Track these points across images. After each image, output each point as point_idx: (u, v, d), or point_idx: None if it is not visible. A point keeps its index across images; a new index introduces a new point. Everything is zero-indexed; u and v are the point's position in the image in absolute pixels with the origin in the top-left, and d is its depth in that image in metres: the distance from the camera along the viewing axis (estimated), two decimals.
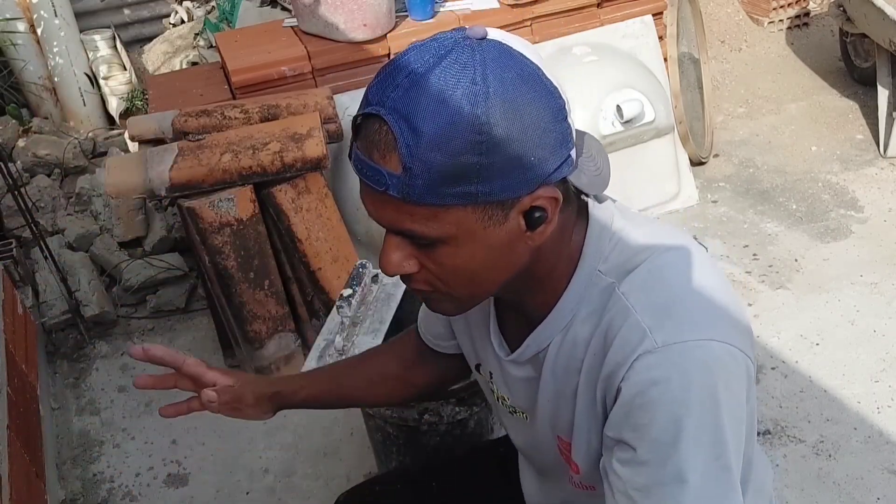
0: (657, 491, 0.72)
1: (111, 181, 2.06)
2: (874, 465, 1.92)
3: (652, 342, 0.73)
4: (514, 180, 0.69)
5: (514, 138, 0.67)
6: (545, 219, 0.73)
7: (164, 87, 2.68)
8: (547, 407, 0.89)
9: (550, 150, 0.70)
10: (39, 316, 2.63)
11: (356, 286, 1.75)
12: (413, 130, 0.66)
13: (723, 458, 0.72)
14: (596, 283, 0.80)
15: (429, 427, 1.62)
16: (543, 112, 0.69)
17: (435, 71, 0.67)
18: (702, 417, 0.72)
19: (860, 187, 3.06)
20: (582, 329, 0.81)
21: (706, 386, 0.72)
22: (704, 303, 0.77)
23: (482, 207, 0.70)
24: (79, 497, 2.09)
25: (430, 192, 0.68)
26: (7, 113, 3.84)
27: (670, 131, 2.89)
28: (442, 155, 0.66)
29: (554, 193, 0.72)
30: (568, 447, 0.88)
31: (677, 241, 0.82)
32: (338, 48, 2.50)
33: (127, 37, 4.47)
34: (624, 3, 2.91)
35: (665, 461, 0.72)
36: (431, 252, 0.74)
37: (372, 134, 0.69)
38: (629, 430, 0.74)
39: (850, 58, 3.76)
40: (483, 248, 0.73)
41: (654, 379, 0.73)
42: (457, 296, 0.79)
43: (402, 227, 0.72)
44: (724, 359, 0.74)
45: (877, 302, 2.45)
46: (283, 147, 2.08)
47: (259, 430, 2.24)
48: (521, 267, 0.78)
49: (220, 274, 2.15)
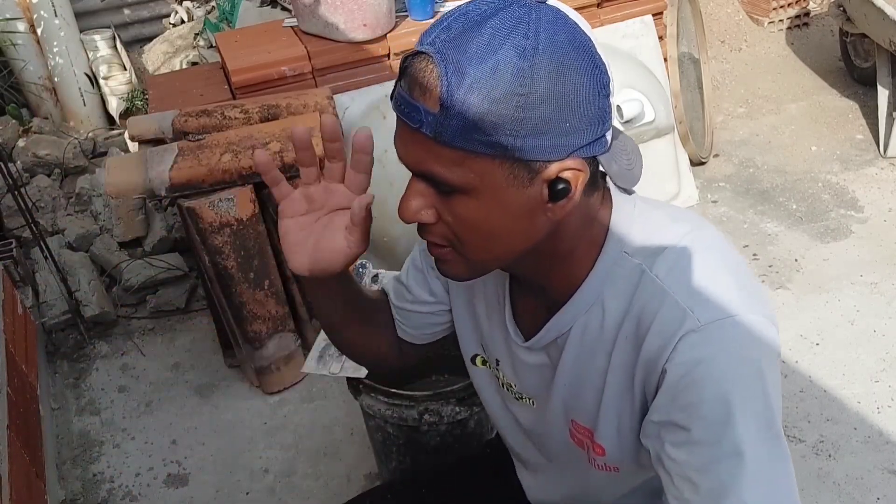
0: (715, 468, 0.72)
1: (111, 181, 2.06)
2: (874, 465, 1.92)
3: (694, 321, 0.74)
4: (545, 142, 0.69)
5: (554, 100, 0.68)
6: (568, 192, 0.73)
7: (164, 87, 2.68)
8: (563, 392, 0.89)
9: (587, 123, 0.71)
10: (39, 316, 2.63)
11: None
12: (457, 71, 0.67)
13: (773, 426, 0.74)
14: (622, 264, 0.80)
15: (429, 427, 1.62)
16: (587, 83, 0.70)
17: (490, 21, 0.68)
18: (750, 390, 0.73)
19: (860, 187, 3.06)
20: (610, 312, 0.80)
21: (750, 359, 0.74)
22: (736, 279, 0.78)
23: (509, 164, 0.70)
24: (79, 497, 2.09)
25: (461, 136, 0.68)
26: (7, 113, 3.84)
27: (670, 131, 2.89)
28: (481, 99, 0.66)
29: (581, 167, 0.72)
30: (585, 432, 0.88)
31: (698, 223, 0.83)
32: (338, 48, 2.50)
33: (127, 37, 4.47)
34: (624, 3, 2.91)
35: (720, 438, 0.72)
36: (451, 201, 0.73)
37: (417, 72, 0.69)
38: (678, 412, 0.74)
39: (850, 58, 3.76)
40: (502, 208, 0.72)
41: (700, 358, 0.73)
42: (470, 256, 0.78)
43: (427, 169, 0.72)
44: (762, 331, 0.75)
45: (877, 302, 2.45)
46: (283, 147, 2.08)
47: (259, 430, 2.24)
48: (538, 240, 0.77)
49: (220, 274, 2.15)
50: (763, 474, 0.72)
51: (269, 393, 2.34)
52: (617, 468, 0.88)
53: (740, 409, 0.72)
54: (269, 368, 2.29)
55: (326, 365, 1.64)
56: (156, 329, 2.69)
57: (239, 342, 2.29)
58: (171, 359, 2.55)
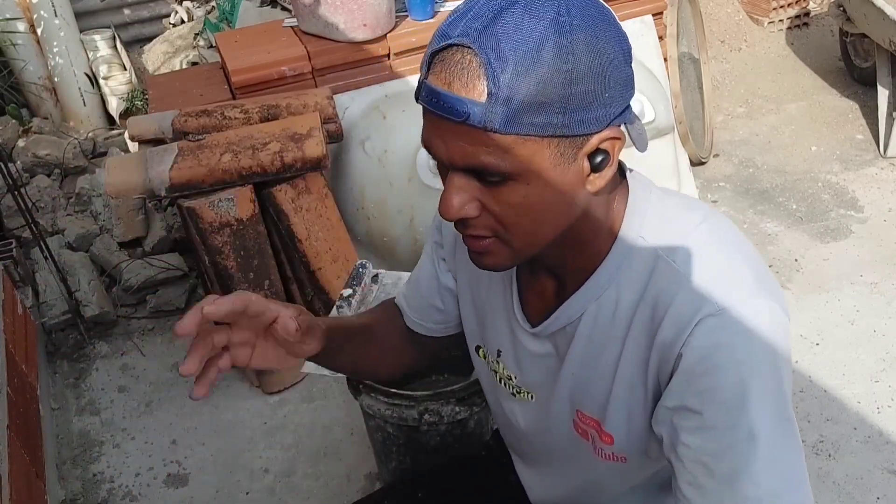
0: (730, 452, 0.73)
1: (111, 181, 2.06)
2: (874, 465, 1.92)
3: (712, 305, 0.74)
4: (591, 114, 0.70)
5: (596, 72, 0.69)
6: (608, 162, 0.74)
7: (164, 87, 2.68)
8: (570, 382, 0.88)
9: (621, 91, 0.72)
10: (39, 316, 2.63)
11: (356, 286, 1.75)
12: (499, 57, 0.66)
13: (785, 410, 0.74)
14: (638, 250, 0.80)
15: (429, 427, 1.62)
16: (618, 52, 0.71)
17: (518, 3, 0.68)
18: (766, 376, 0.73)
19: (860, 187, 3.06)
20: (624, 298, 0.80)
21: (767, 345, 0.74)
22: (751, 266, 0.78)
23: (556, 142, 0.70)
24: (79, 497, 2.09)
25: (512, 121, 0.67)
26: (7, 113, 3.84)
27: (670, 131, 2.89)
28: (529, 82, 0.66)
29: (619, 134, 0.74)
30: (591, 422, 0.88)
31: (711, 211, 0.83)
32: (338, 48, 2.50)
33: (127, 37, 4.47)
34: (624, 3, 2.91)
35: (735, 423, 0.72)
36: (498, 190, 0.73)
37: (452, 65, 0.68)
38: (693, 396, 0.74)
39: (850, 58, 3.76)
40: (549, 187, 0.73)
41: (718, 342, 0.73)
42: (515, 243, 0.77)
43: (476, 162, 0.70)
44: (777, 317, 0.76)
45: (877, 302, 2.45)
46: (283, 147, 2.08)
47: (259, 430, 2.24)
48: (575, 217, 0.77)
49: (220, 274, 2.15)
50: (777, 457, 0.73)
51: (269, 393, 2.34)
52: (624, 458, 0.87)
53: (756, 393, 0.72)
54: (268, 369, 2.29)
55: None
56: (156, 329, 2.69)
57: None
58: (171, 359, 2.55)
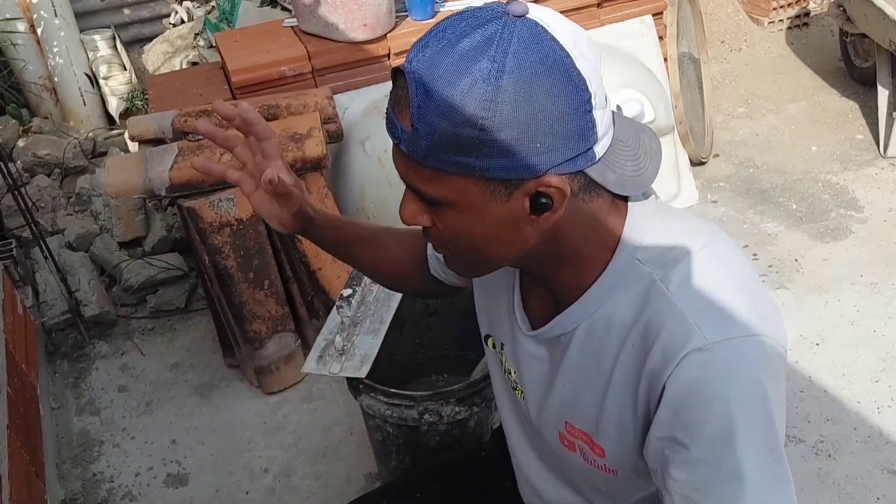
0: (716, 489, 0.72)
1: (111, 181, 2.06)
2: (874, 465, 1.92)
3: (701, 339, 0.73)
4: (515, 163, 0.69)
5: (520, 123, 0.68)
6: (550, 207, 0.73)
7: (164, 87, 2.68)
8: (562, 392, 0.88)
9: (563, 141, 0.70)
10: (39, 316, 2.63)
11: (356, 286, 1.75)
12: (426, 94, 0.68)
13: (776, 450, 0.73)
14: (634, 271, 0.79)
15: (429, 427, 1.62)
16: (560, 101, 0.69)
17: (464, 40, 0.69)
18: (754, 413, 0.72)
19: (860, 187, 3.06)
20: (618, 318, 0.80)
21: (756, 381, 0.73)
22: (748, 298, 0.77)
23: (484, 182, 0.71)
24: (79, 497, 2.09)
25: (431, 155, 0.70)
26: (7, 113, 3.84)
27: (670, 131, 2.89)
28: (445, 122, 0.68)
29: (562, 185, 0.72)
30: (581, 435, 0.88)
31: (716, 236, 0.82)
32: (338, 48, 2.50)
33: (127, 37, 4.47)
34: (624, 3, 2.91)
35: (721, 459, 0.72)
36: (438, 213, 0.76)
37: (397, 89, 0.73)
38: (681, 429, 0.74)
39: (850, 58, 3.76)
40: (485, 220, 0.74)
41: (706, 377, 0.73)
42: (465, 258, 0.82)
43: (409, 182, 0.75)
44: (769, 353, 0.75)
45: (877, 302, 2.45)
46: (283, 147, 2.08)
47: (259, 430, 2.24)
48: (531, 247, 0.78)
49: (220, 274, 2.15)
50: (763, 494, 0.72)
51: (268, 393, 2.34)
52: (615, 471, 0.87)
53: (742, 431, 0.72)
54: (268, 368, 2.29)
55: (326, 365, 1.64)
56: (156, 329, 2.69)
57: (239, 342, 2.29)
58: (170, 359, 2.55)
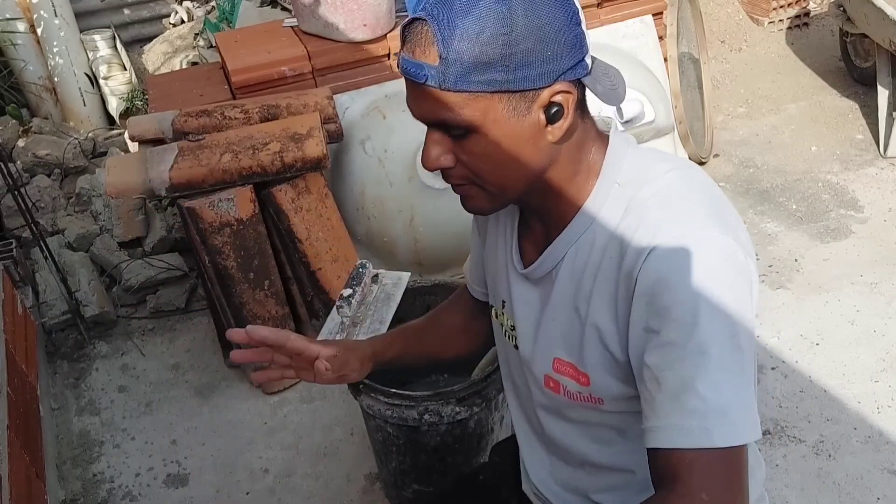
0: (680, 364, 0.78)
1: (111, 181, 2.06)
2: (874, 465, 1.92)
3: (666, 235, 0.80)
4: (534, 71, 0.78)
5: (534, 33, 0.77)
6: (562, 114, 0.82)
7: (164, 87, 2.68)
8: (551, 327, 0.93)
9: (566, 49, 0.80)
10: (39, 316, 2.63)
11: (356, 286, 1.75)
12: (448, 25, 0.77)
13: (735, 337, 0.79)
14: (614, 195, 0.87)
15: (429, 427, 1.62)
16: (559, 13, 0.79)
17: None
18: (716, 298, 0.78)
19: (860, 187, 3.06)
20: (598, 238, 0.87)
21: (718, 270, 0.79)
22: (712, 207, 0.84)
23: (507, 97, 0.79)
24: (79, 497, 2.09)
25: (462, 80, 0.77)
26: (7, 113, 3.84)
27: (670, 131, 2.89)
28: (472, 45, 0.76)
29: (570, 89, 0.81)
30: (568, 367, 0.92)
31: (687, 164, 0.90)
32: (338, 48, 2.50)
33: (127, 37, 4.47)
34: (624, 3, 2.91)
35: (688, 337, 0.78)
36: (464, 142, 0.83)
37: (414, 35, 0.80)
38: (653, 317, 0.80)
39: (850, 58, 3.76)
40: (508, 137, 0.81)
41: (672, 265, 0.79)
42: (489, 189, 0.87)
43: (438, 117, 0.81)
44: (733, 250, 0.81)
45: (877, 302, 2.45)
46: (283, 147, 2.08)
47: (259, 430, 2.24)
48: (543, 165, 0.85)
49: (220, 274, 2.15)
50: (726, 377, 0.77)
51: (269, 393, 2.34)
52: (601, 399, 0.91)
53: (706, 313, 0.78)
54: (269, 368, 2.29)
55: None
56: (156, 329, 2.69)
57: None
58: (171, 359, 2.55)
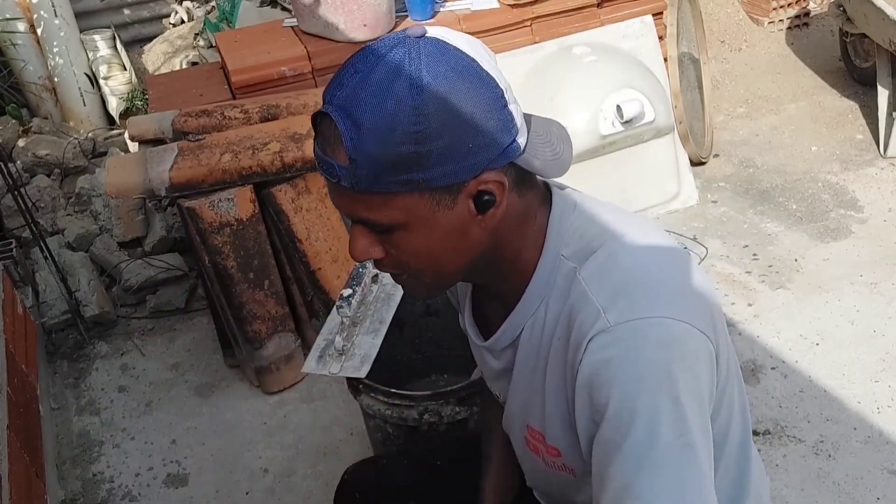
0: (621, 465, 0.72)
1: (111, 181, 2.06)
2: (874, 465, 1.92)
3: (605, 322, 0.75)
4: (454, 167, 0.73)
5: (450, 127, 0.71)
6: (494, 202, 0.77)
7: (164, 87, 2.68)
8: (519, 396, 0.91)
9: (490, 137, 0.74)
10: (39, 316, 2.63)
11: (356, 286, 1.75)
12: (355, 125, 0.71)
13: (684, 435, 0.72)
14: (560, 267, 0.82)
15: (429, 427, 1.62)
16: (479, 101, 0.73)
17: (376, 69, 0.72)
18: (657, 395, 0.72)
19: (860, 187, 3.06)
20: (549, 314, 0.83)
21: (659, 363, 0.73)
22: (661, 283, 0.78)
23: (429, 193, 0.74)
24: (79, 497, 2.09)
25: (375, 181, 0.72)
26: (7, 113, 3.84)
27: (670, 131, 2.89)
28: (382, 146, 0.71)
29: (500, 178, 0.76)
30: (538, 436, 0.89)
31: (640, 227, 0.84)
32: (338, 48, 2.50)
33: (127, 37, 4.47)
34: (624, 3, 2.91)
35: (624, 437, 0.72)
36: (390, 237, 0.78)
37: (324, 130, 0.75)
38: (593, 411, 0.76)
39: (850, 58, 3.76)
40: (436, 231, 0.77)
41: (607, 358, 0.74)
42: (423, 278, 0.83)
43: (357, 216, 0.77)
44: (679, 336, 0.75)
45: (877, 302, 2.45)
46: (283, 147, 2.08)
47: (259, 430, 2.24)
48: (482, 250, 0.81)
49: (219, 274, 2.15)
50: (668, 481, 0.71)
51: (268, 393, 2.34)
52: (573, 470, 0.88)
53: (645, 413, 0.72)
54: (268, 368, 2.29)
55: (326, 365, 1.64)
56: (156, 329, 2.69)
57: (239, 342, 2.29)
58: (171, 359, 2.55)
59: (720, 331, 0.81)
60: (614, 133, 2.66)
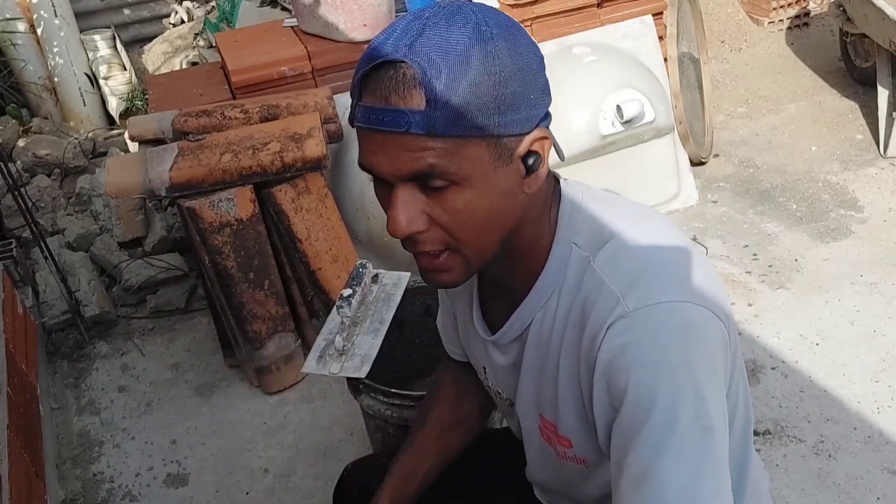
0: (640, 449, 0.72)
1: (111, 181, 2.06)
2: (874, 465, 1.92)
3: (623, 308, 0.75)
4: (521, 115, 0.74)
5: (520, 74, 0.73)
6: (540, 162, 0.77)
7: (164, 87, 2.68)
8: (530, 387, 0.90)
9: (542, 93, 0.76)
10: (39, 316, 2.63)
11: (356, 286, 1.74)
12: (433, 66, 0.70)
13: (701, 418, 0.72)
14: (573, 256, 0.82)
15: None
16: (534, 57, 0.76)
17: (438, 17, 0.72)
18: (676, 379, 0.72)
19: (860, 187, 3.06)
20: (561, 304, 0.83)
21: (678, 347, 0.74)
22: (676, 269, 0.79)
23: (494, 144, 0.74)
24: (79, 497, 2.09)
25: (452, 124, 0.70)
26: (7, 113, 3.84)
27: (670, 131, 2.89)
28: (463, 86, 0.70)
29: (546, 134, 0.78)
30: (552, 427, 0.89)
31: (644, 215, 0.86)
32: (338, 48, 2.50)
33: (127, 37, 4.47)
34: (624, 3, 2.91)
35: (644, 422, 0.72)
36: (443, 197, 0.74)
37: (386, 80, 0.71)
38: (612, 397, 0.76)
39: (850, 58, 3.76)
40: (491, 190, 0.75)
41: (626, 343, 0.74)
42: (466, 251, 0.78)
43: (422, 166, 0.72)
44: (696, 320, 0.75)
45: (877, 302, 2.45)
46: (283, 147, 2.08)
47: (259, 430, 2.24)
48: (517, 221, 0.80)
49: (220, 274, 2.15)
50: (687, 465, 0.71)
51: (268, 393, 2.34)
52: (585, 461, 0.88)
53: (664, 397, 0.72)
54: (269, 368, 2.29)
55: (326, 365, 1.64)
56: (156, 329, 2.69)
57: (239, 342, 2.29)
58: (171, 359, 2.55)
59: (731, 319, 0.82)
60: (614, 133, 2.66)
